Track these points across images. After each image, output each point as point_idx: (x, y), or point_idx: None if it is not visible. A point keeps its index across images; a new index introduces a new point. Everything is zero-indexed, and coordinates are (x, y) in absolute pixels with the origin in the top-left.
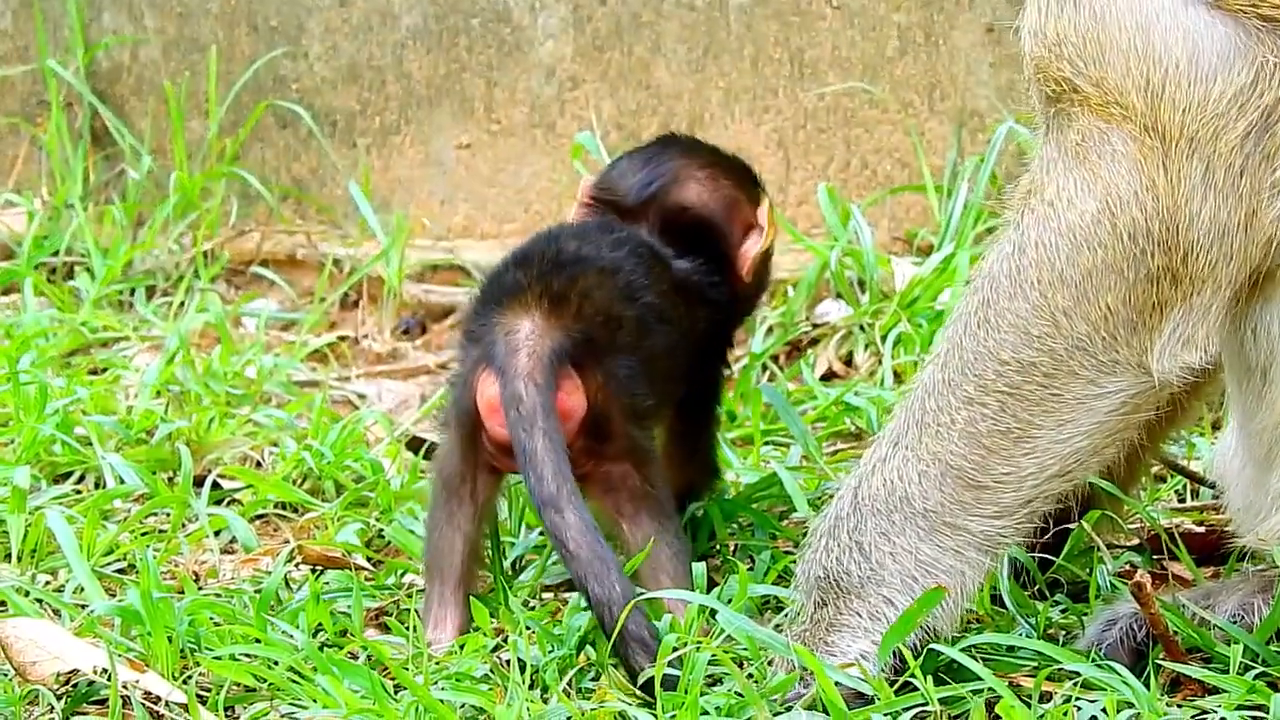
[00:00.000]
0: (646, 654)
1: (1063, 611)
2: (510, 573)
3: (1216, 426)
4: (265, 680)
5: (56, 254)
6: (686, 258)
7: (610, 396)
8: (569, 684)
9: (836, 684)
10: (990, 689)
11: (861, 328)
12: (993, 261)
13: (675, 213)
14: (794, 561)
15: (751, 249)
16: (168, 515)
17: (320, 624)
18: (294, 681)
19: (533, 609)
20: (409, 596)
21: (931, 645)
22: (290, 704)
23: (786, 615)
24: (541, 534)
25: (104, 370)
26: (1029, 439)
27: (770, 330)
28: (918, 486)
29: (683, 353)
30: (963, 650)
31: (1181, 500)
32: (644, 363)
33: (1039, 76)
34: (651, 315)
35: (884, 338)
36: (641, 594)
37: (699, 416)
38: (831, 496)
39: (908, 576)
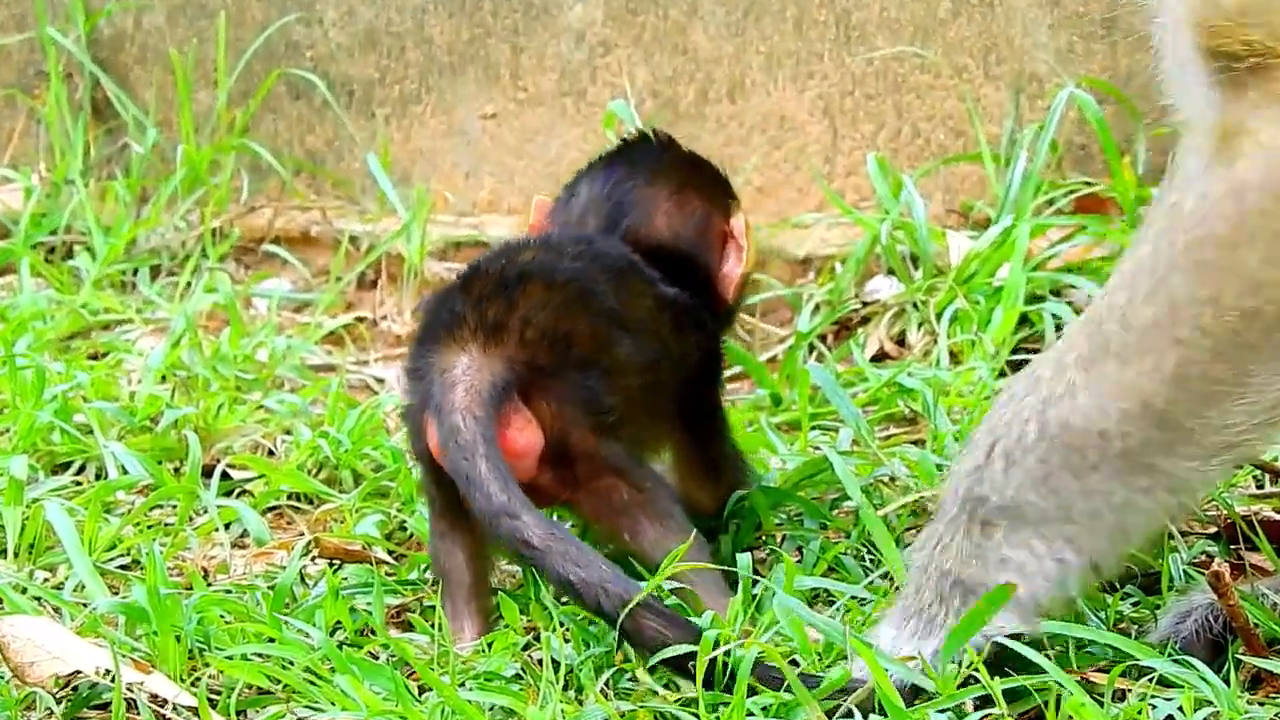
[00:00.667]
0: (664, 622)
1: (1134, 604)
2: None
3: None
4: (280, 682)
5: (55, 232)
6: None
7: (568, 421)
8: (606, 684)
9: (893, 678)
10: (1059, 684)
11: (914, 305)
12: (1204, 202)
13: (649, 250)
14: (845, 552)
15: (734, 271)
16: (174, 507)
17: (339, 621)
18: (311, 683)
19: (566, 604)
20: (434, 592)
21: (995, 638)
22: (307, 706)
23: (919, 547)
24: (573, 525)
25: (105, 354)
26: (1242, 385)
27: (817, 308)
28: (1116, 424)
29: (668, 372)
30: (1028, 644)
31: (1260, 486)
32: (608, 374)
33: (1215, 42)
34: (614, 323)
35: (939, 316)
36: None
37: (705, 435)
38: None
39: (1096, 516)
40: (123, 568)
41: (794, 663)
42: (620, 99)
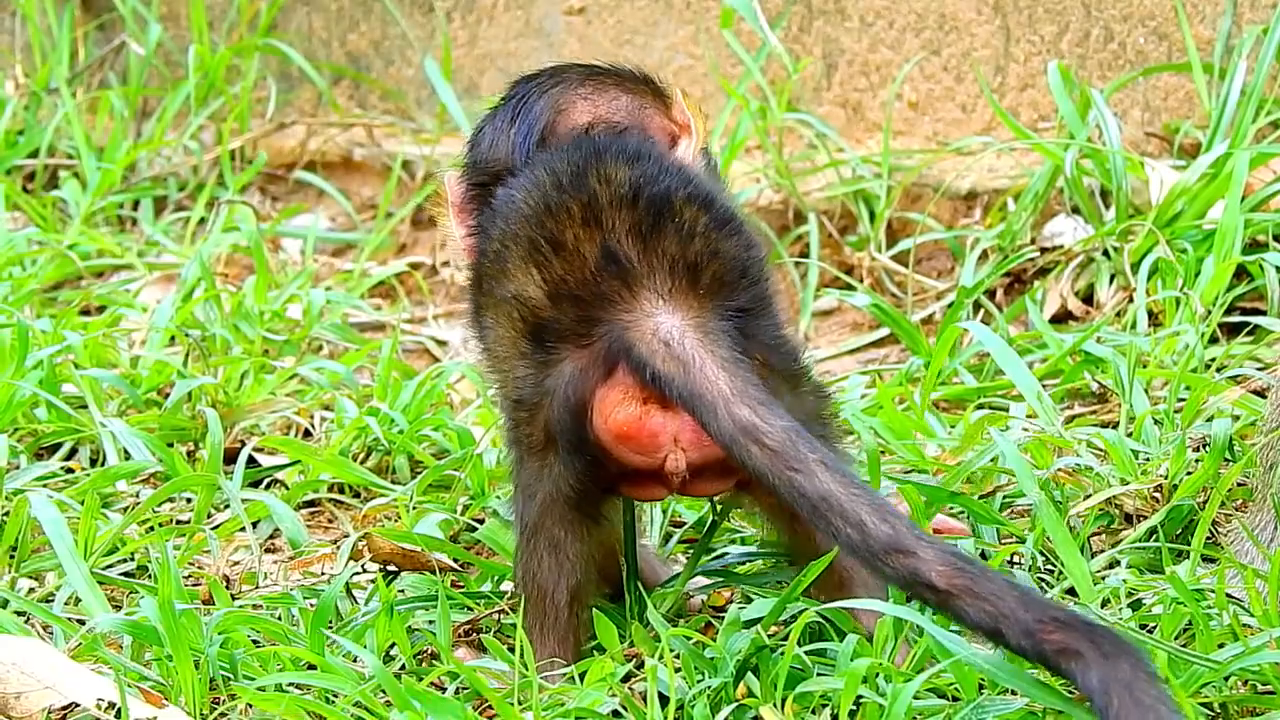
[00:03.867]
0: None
1: None
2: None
3: None
4: (323, 718)
5: (35, 154)
6: None
7: (772, 372)
8: None
9: None
10: None
11: (1105, 253)
12: None
13: None
14: (1017, 561)
15: (686, 156)
16: (189, 501)
17: (394, 644)
18: (362, 719)
19: (676, 625)
20: (512, 608)
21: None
22: None
23: None
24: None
25: (101, 309)
26: None
27: (985, 256)
28: None
29: None
30: None
31: None
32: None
33: None
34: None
35: (1135, 266)
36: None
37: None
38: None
39: None
40: (127, 575)
41: (955, 698)
42: None
